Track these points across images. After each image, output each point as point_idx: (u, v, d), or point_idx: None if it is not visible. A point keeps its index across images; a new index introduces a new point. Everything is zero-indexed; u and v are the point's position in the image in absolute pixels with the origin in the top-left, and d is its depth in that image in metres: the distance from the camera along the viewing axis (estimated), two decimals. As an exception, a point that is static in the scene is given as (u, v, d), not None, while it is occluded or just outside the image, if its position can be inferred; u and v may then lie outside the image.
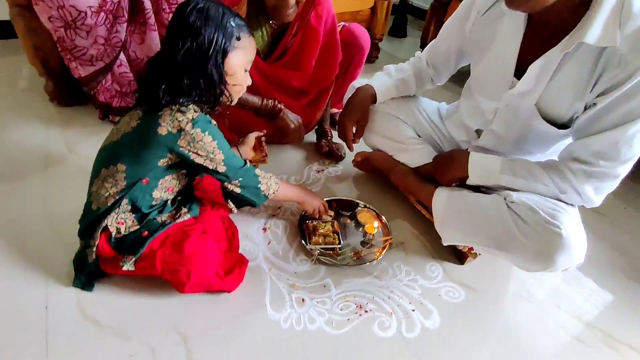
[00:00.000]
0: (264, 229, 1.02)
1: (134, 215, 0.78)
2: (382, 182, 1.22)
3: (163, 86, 0.70)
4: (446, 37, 1.01)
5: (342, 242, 0.98)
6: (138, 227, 0.78)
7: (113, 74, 1.30)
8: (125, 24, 1.25)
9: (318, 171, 1.28)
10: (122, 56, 1.29)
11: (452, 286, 0.94)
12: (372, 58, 2.07)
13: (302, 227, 1.01)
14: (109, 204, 0.75)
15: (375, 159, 1.17)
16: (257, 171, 0.87)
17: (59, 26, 1.17)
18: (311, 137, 1.42)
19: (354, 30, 1.26)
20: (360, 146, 1.21)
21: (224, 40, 0.71)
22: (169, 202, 0.83)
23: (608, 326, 0.90)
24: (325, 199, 1.09)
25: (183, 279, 0.75)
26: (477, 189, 0.91)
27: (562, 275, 1.02)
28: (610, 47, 0.67)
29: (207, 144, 0.74)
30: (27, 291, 0.80)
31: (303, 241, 0.97)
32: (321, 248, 0.96)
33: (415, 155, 1.06)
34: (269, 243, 0.98)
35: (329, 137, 1.38)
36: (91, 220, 0.77)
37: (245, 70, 0.80)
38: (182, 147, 0.73)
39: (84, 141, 1.27)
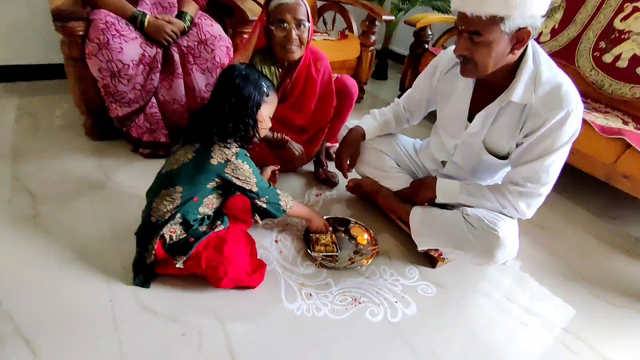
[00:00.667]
0: (276, 241, 1.26)
1: (181, 226, 1.02)
2: (370, 203, 1.48)
3: (214, 129, 0.96)
4: (418, 89, 1.30)
5: (339, 250, 1.23)
6: (185, 235, 1.01)
7: (145, 113, 1.55)
8: (158, 73, 1.51)
9: (317, 195, 1.54)
10: (153, 99, 1.55)
11: (426, 284, 1.19)
12: (358, 99, 2.39)
13: (306, 239, 1.26)
14: (166, 217, 0.98)
15: (364, 184, 1.44)
16: (278, 191, 1.12)
17: (106, 75, 1.41)
18: (310, 167, 1.69)
19: (346, 81, 1.56)
20: (352, 174, 1.48)
21: (258, 97, 0.99)
22: (206, 216, 1.07)
23: (548, 314, 1.16)
24: (324, 217, 1.34)
25: (221, 275, 0.97)
26: (443, 206, 1.18)
27: (513, 276, 1.28)
28: (529, 104, 0.97)
29: (245, 171, 1.01)
30: (94, 290, 1.01)
31: (308, 250, 1.21)
32: (323, 255, 1.20)
33: (396, 181, 1.34)
34: (280, 252, 1.22)
35: (325, 167, 1.65)
36: (149, 230, 1.00)
37: (270, 117, 1.08)
38: (228, 173, 0.99)
39: (118, 170, 1.50)
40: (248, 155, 1.03)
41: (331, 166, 1.67)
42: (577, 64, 1.96)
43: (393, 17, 2.28)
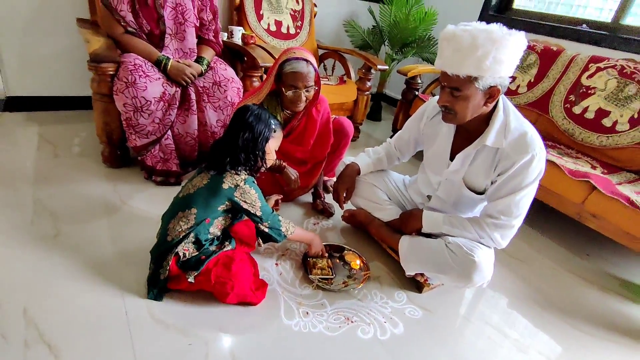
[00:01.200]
0: (276, 264, 1.37)
1: (194, 245, 1.14)
2: (363, 233, 1.61)
3: (228, 159, 1.11)
4: (407, 130, 1.47)
5: (334, 274, 1.34)
6: (197, 253, 1.12)
7: (160, 144, 1.70)
8: (176, 109, 1.69)
9: (314, 224, 1.67)
10: (169, 132, 1.71)
11: (413, 307, 1.29)
12: (354, 138, 2.58)
13: (304, 263, 1.37)
14: (180, 237, 1.10)
15: (359, 214, 1.57)
16: (280, 217, 1.24)
17: (129, 110, 1.57)
18: (308, 198, 1.83)
19: (343, 122, 1.74)
20: (347, 205, 1.62)
21: (267, 133, 1.15)
22: (216, 237, 1.19)
23: (525, 339, 1.26)
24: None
25: (228, 290, 1.08)
26: (428, 235, 1.32)
27: (493, 304, 1.39)
28: (501, 148, 1.14)
29: (251, 195, 1.14)
30: (111, 302, 1.10)
31: (306, 273, 1.32)
32: (319, 278, 1.31)
33: (387, 212, 1.48)
34: (280, 274, 1.33)
35: (322, 198, 1.79)
36: (165, 249, 1.12)
37: (275, 150, 1.23)
38: (237, 197, 1.12)
39: (133, 195, 1.62)
40: (255, 182, 1.17)
41: (328, 198, 1.82)
42: (551, 114, 2.19)
43: (387, 67, 2.53)
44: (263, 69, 1.96)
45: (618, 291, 1.60)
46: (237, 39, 2.21)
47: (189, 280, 1.07)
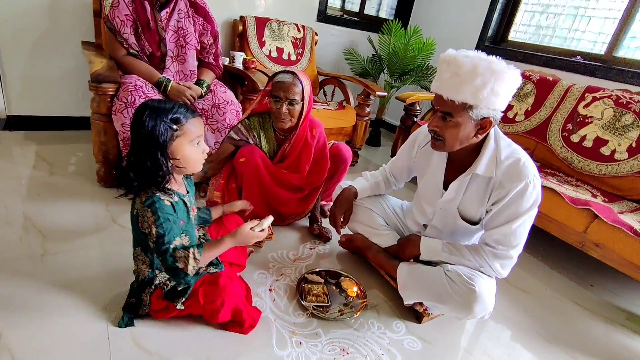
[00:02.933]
0: (270, 290, 1.32)
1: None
2: (360, 258, 1.57)
3: (132, 176, 0.91)
4: (400, 158, 1.46)
5: (330, 302, 1.29)
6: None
7: (156, 165, 1.69)
8: (173, 131, 1.69)
9: (311, 248, 1.63)
10: (165, 153, 1.70)
11: (412, 339, 1.23)
12: (353, 163, 2.58)
13: (299, 289, 1.32)
14: (148, 275, 1.04)
15: (356, 240, 1.53)
16: (180, 252, 0.94)
17: (127, 130, 1.58)
18: (305, 222, 1.79)
19: (341, 148, 1.74)
20: (344, 230, 1.58)
21: (163, 129, 0.88)
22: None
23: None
24: (317, 269, 1.42)
25: (218, 306, 1.01)
26: (427, 262, 1.27)
27: (495, 335, 1.33)
28: (493, 177, 1.11)
29: (147, 219, 0.91)
30: (93, 326, 1.05)
31: (300, 299, 1.27)
32: (314, 305, 1.25)
33: (385, 238, 1.44)
34: (273, 300, 1.28)
35: (319, 223, 1.76)
36: (141, 286, 1.06)
37: (198, 144, 0.97)
38: (140, 224, 0.93)
39: (125, 215, 1.59)
40: (163, 200, 0.92)
41: (325, 222, 1.78)
42: (549, 142, 2.19)
43: (386, 93, 2.56)
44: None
45: (623, 323, 1.54)
46: (239, 64, 2.25)
47: (178, 308, 1.02)
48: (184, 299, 1.03)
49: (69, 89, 2.26)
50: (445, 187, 1.22)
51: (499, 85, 0.99)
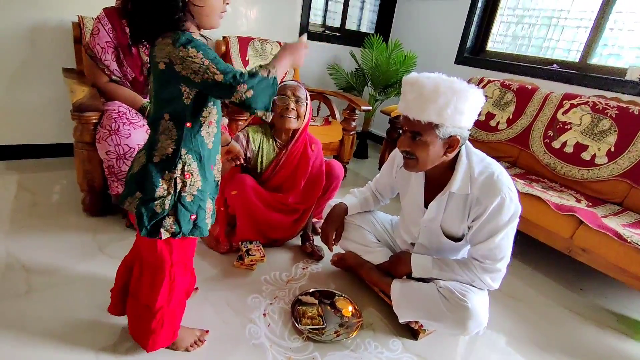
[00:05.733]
0: (264, 315, 1.30)
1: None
2: (353, 277, 1.56)
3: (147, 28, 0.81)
4: (384, 176, 1.47)
5: (325, 323, 1.28)
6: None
7: (143, 191, 1.67)
8: (160, 156, 1.67)
9: (303, 268, 1.62)
10: (152, 178, 1.68)
11: (409, 356, 1.23)
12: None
13: (293, 312, 1.30)
14: (169, 154, 0.89)
15: (348, 258, 1.53)
16: (250, 70, 0.84)
17: (112, 157, 1.55)
18: (297, 241, 1.79)
19: (333, 165, 1.75)
20: (337, 248, 1.58)
21: None
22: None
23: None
24: (310, 290, 1.41)
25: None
26: (420, 279, 1.28)
27: (491, 347, 1.34)
28: (470, 194, 1.13)
29: (194, 57, 0.78)
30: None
31: (295, 323, 1.26)
32: (310, 328, 1.24)
33: (377, 255, 1.44)
34: (268, 325, 1.26)
35: (311, 241, 1.75)
36: (151, 166, 0.90)
37: None
38: (179, 71, 0.79)
39: (113, 244, 1.55)
40: (196, 38, 0.82)
41: (317, 240, 1.77)
42: (532, 149, 2.24)
43: (370, 107, 2.59)
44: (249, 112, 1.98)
45: (615, 327, 1.56)
46: (223, 84, 2.25)
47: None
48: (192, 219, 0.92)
49: (52, 117, 2.23)
50: (427, 206, 1.24)
51: (462, 103, 1.02)
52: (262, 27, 2.81)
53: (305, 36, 1.01)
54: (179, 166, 0.89)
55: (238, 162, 1.29)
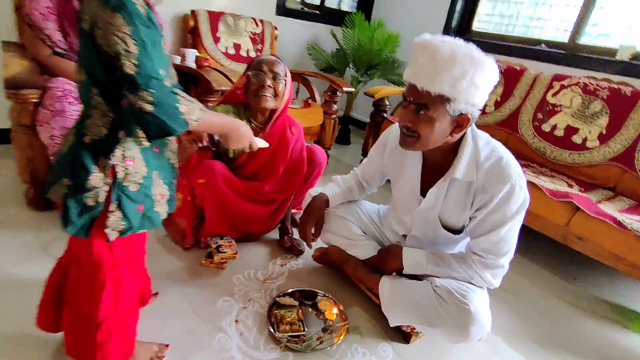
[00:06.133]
0: (236, 321, 1.14)
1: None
2: (337, 273, 1.42)
3: None
4: (372, 162, 1.31)
5: (306, 329, 1.13)
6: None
7: (97, 182, 1.46)
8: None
9: (281, 265, 1.46)
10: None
11: (400, 362, 1.10)
12: (323, 163, 2.43)
13: (270, 317, 1.15)
14: (102, 136, 0.72)
15: (331, 253, 1.38)
16: (181, 93, 0.69)
17: (58, 143, 1.34)
18: (274, 234, 1.62)
19: (315, 151, 1.58)
20: (318, 242, 1.43)
21: None
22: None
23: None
24: (289, 290, 1.26)
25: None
26: (412, 275, 1.14)
27: (489, 345, 1.23)
28: (475, 180, 0.99)
29: (117, 27, 0.61)
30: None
31: (272, 330, 1.10)
32: (288, 336, 1.09)
33: (364, 249, 1.29)
34: (241, 334, 1.10)
35: (290, 234, 1.59)
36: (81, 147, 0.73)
37: None
38: (98, 36, 0.63)
39: (59, 243, 1.34)
40: (137, 5, 0.64)
41: (297, 233, 1.62)
42: (521, 133, 2.14)
43: (353, 89, 2.43)
44: (220, 92, 1.78)
45: (609, 316, 1.50)
46: (191, 62, 2.03)
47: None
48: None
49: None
50: (423, 194, 1.09)
51: (479, 76, 0.87)
52: (235, 2, 2.58)
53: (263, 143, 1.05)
54: (118, 152, 0.71)
55: (200, 144, 1.09)
